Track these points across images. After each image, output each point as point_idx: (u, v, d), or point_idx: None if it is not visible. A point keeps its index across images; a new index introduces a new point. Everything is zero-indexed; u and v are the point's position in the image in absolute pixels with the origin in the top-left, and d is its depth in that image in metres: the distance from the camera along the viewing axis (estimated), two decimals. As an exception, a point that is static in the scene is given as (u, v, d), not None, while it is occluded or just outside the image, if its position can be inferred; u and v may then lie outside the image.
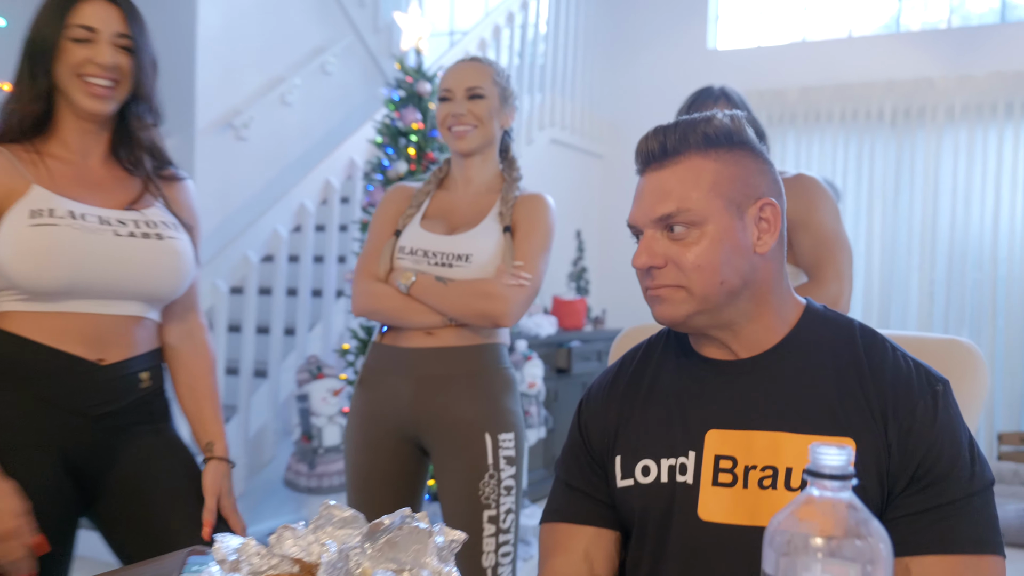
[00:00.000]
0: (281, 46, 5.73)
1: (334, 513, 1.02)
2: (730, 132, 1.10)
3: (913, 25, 5.73)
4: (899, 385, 1.06)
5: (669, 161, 1.09)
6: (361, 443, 2.15)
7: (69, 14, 1.58)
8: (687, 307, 1.09)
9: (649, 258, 1.08)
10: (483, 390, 2.09)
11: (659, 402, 1.20)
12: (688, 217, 1.06)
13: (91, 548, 1.82)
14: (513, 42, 5.47)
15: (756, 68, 5.68)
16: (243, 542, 0.99)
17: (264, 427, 4.13)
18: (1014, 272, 5.12)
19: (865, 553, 0.63)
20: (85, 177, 1.69)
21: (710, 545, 1.09)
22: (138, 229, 1.67)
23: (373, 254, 2.14)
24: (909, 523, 1.01)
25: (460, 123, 2.06)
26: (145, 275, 1.68)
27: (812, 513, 0.65)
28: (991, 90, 5.13)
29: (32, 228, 1.57)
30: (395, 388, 2.10)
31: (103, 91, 1.60)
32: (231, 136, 5.29)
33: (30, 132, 1.66)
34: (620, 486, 1.19)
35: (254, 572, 0.98)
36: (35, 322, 1.62)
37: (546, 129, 5.64)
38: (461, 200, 2.18)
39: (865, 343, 1.12)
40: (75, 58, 1.58)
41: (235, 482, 3.86)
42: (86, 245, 1.62)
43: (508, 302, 2.00)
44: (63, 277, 1.60)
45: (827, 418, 1.06)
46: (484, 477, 2.04)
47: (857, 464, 0.93)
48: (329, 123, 6.03)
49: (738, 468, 1.08)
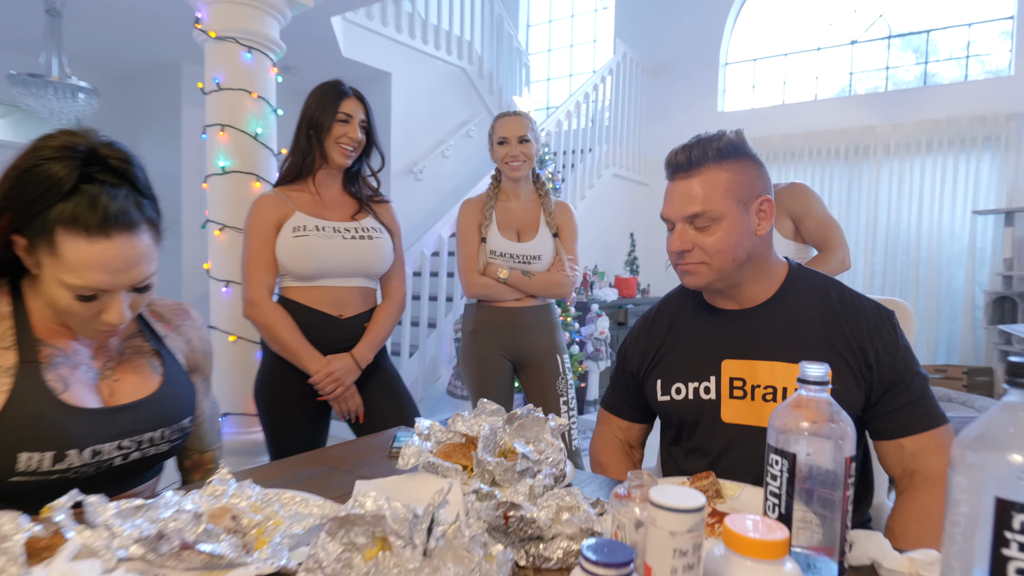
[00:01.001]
0: (441, 120, 6.15)
1: (486, 407, 1.08)
2: (736, 146, 1.08)
3: (860, 89, 5.71)
4: (870, 319, 1.06)
5: (693, 171, 1.07)
6: (482, 367, 2.23)
7: (338, 105, 1.68)
8: (708, 277, 1.09)
9: (681, 244, 1.08)
10: (552, 330, 2.25)
11: (685, 340, 1.19)
12: (710, 216, 1.05)
13: (333, 428, 1.89)
14: (588, 111, 5.64)
15: (750, 122, 5.69)
16: (431, 422, 1.05)
17: (434, 358, 4.46)
18: (931, 257, 5.18)
19: (837, 432, 0.62)
20: (326, 203, 1.75)
21: (730, 439, 1.09)
22: (357, 233, 1.73)
23: (472, 256, 2.17)
24: (894, 415, 1.03)
25: (515, 160, 2.13)
26: (362, 261, 1.73)
27: (801, 405, 0.65)
28: (915, 134, 5.20)
29: (294, 238, 1.67)
30: (502, 332, 2.21)
31: (350, 153, 1.71)
32: (411, 179, 5.84)
33: (295, 178, 1.75)
34: (660, 400, 1.18)
35: (438, 441, 1.04)
36: (302, 293, 1.71)
37: (610, 167, 5.83)
38: (515, 209, 2.21)
39: (836, 291, 1.12)
40: (337, 133, 1.68)
41: (415, 394, 4.17)
42: (326, 246, 1.68)
43: (570, 286, 2.20)
44: (313, 266, 1.68)
45: (811, 350, 1.05)
46: (558, 379, 2.23)
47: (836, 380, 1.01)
48: (471, 167, 6.40)
49: (747, 386, 1.08)
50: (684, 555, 0.57)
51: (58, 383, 0.93)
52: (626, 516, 0.65)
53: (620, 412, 1.32)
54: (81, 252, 0.85)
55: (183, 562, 0.68)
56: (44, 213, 0.85)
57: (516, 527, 0.72)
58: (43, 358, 0.93)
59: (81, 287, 0.87)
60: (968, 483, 0.51)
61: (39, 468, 0.88)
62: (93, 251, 0.86)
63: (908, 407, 1.03)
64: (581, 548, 0.56)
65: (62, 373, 0.94)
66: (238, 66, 2.89)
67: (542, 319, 2.23)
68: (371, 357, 1.73)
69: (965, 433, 0.53)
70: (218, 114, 2.88)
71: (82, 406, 0.94)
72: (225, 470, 0.87)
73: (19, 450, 0.87)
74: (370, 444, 1.26)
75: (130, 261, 0.89)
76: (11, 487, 0.88)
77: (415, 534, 0.62)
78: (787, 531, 0.56)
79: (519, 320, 2.20)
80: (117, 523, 0.67)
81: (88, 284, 0.87)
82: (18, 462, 0.87)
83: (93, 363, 1.00)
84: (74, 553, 0.55)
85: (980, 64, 5.31)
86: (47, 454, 0.88)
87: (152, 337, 1.10)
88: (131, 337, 1.08)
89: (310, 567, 0.62)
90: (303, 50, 4.86)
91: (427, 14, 5.84)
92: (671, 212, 1.11)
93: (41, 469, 0.89)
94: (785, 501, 0.65)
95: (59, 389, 0.93)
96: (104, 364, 1.02)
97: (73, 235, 0.85)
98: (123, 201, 0.88)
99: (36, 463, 0.88)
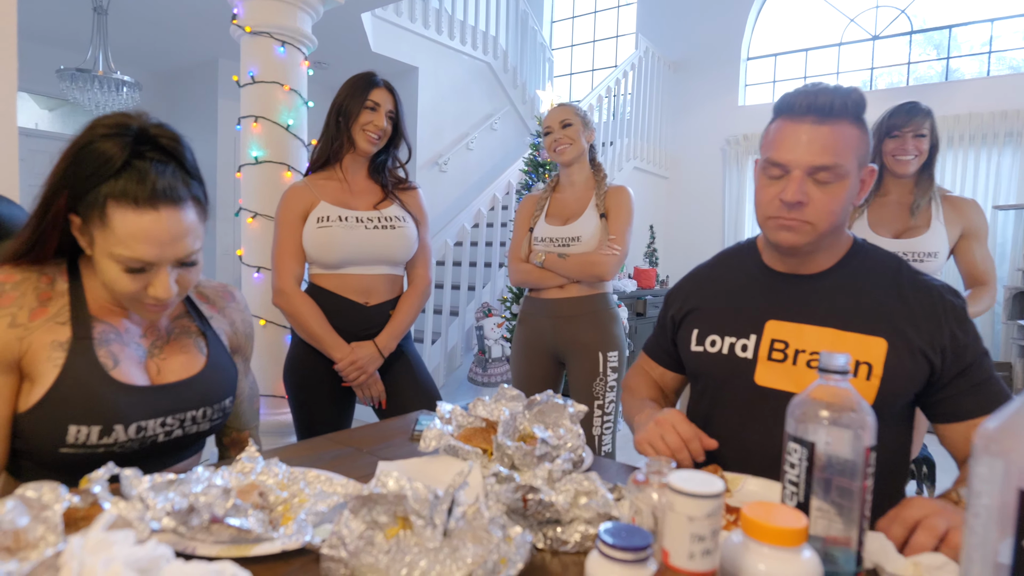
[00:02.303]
0: (466, 113, 6.17)
1: (506, 392, 1.06)
2: (864, 106, 0.98)
3: (881, 85, 5.58)
4: (942, 298, 0.99)
5: (831, 120, 0.95)
6: (523, 358, 2.17)
7: (367, 94, 1.69)
8: (808, 238, 0.99)
9: (800, 195, 0.95)
10: (597, 323, 2.07)
11: (730, 294, 1.13)
12: (838, 172, 0.95)
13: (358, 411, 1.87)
14: (611, 105, 5.62)
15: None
16: (453, 406, 1.05)
17: (456, 345, 4.46)
18: None
19: (857, 421, 0.61)
20: (351, 191, 1.75)
21: (760, 402, 1.03)
22: (379, 223, 1.71)
23: (517, 244, 2.17)
24: (961, 397, 0.96)
25: (559, 144, 2.07)
26: (384, 250, 1.72)
27: (821, 395, 0.63)
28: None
29: (318, 229, 1.68)
30: (542, 324, 2.12)
31: (375, 140, 1.71)
32: (436, 170, 5.85)
33: (324, 164, 1.76)
34: (693, 350, 1.13)
35: (459, 425, 1.03)
36: (328, 280, 1.72)
37: (631, 160, 5.81)
38: (569, 198, 2.14)
39: (905, 269, 1.04)
40: (364, 120, 1.69)
41: (437, 379, 4.20)
42: (348, 236, 1.68)
43: (606, 265, 2.02)
44: (337, 256, 1.69)
45: (869, 321, 0.98)
46: (596, 380, 2.05)
47: (892, 356, 0.95)
48: (495, 160, 6.41)
49: (789, 350, 1.01)
50: (702, 540, 0.56)
51: (109, 359, 0.94)
52: (644, 501, 0.64)
53: (656, 356, 1.27)
54: (129, 224, 0.87)
55: (212, 535, 0.68)
56: (96, 188, 0.87)
57: (535, 510, 0.72)
58: (96, 335, 0.95)
59: (129, 259, 0.88)
60: (990, 474, 0.50)
61: (87, 441, 0.90)
62: (141, 223, 0.87)
63: (982, 385, 0.96)
64: (599, 532, 0.55)
65: (113, 350, 0.95)
66: (272, 60, 2.92)
67: (587, 311, 2.07)
68: (394, 346, 1.73)
69: (987, 424, 0.51)
70: (252, 106, 2.92)
71: (131, 383, 0.95)
72: (254, 448, 0.87)
73: (69, 422, 0.88)
74: (393, 427, 1.27)
75: (176, 234, 0.90)
76: (60, 458, 0.90)
77: (435, 514, 0.62)
78: (806, 519, 0.55)
79: (559, 312, 2.09)
80: (151, 496, 0.67)
81: (136, 255, 0.88)
82: (67, 434, 0.89)
83: (142, 341, 1.02)
84: (109, 523, 0.56)
85: (1002, 60, 5.18)
86: (95, 428, 0.90)
87: (198, 318, 1.12)
88: (179, 318, 1.09)
89: (333, 544, 0.62)
90: (334, 45, 4.89)
91: (454, 10, 5.86)
92: (796, 156, 0.96)
93: (89, 443, 0.90)
94: (804, 490, 0.63)
95: (109, 365, 0.94)
96: (152, 343, 1.03)
97: (123, 208, 0.86)
98: (171, 177, 0.90)
99: (84, 436, 0.89)
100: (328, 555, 0.62)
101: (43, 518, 0.57)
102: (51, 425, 0.88)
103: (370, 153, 1.74)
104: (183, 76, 5.69)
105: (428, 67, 5.65)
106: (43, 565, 0.53)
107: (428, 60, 5.63)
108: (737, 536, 0.57)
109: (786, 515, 0.55)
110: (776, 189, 0.99)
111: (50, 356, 0.90)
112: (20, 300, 0.91)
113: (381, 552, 0.62)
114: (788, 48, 6.05)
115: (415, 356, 1.82)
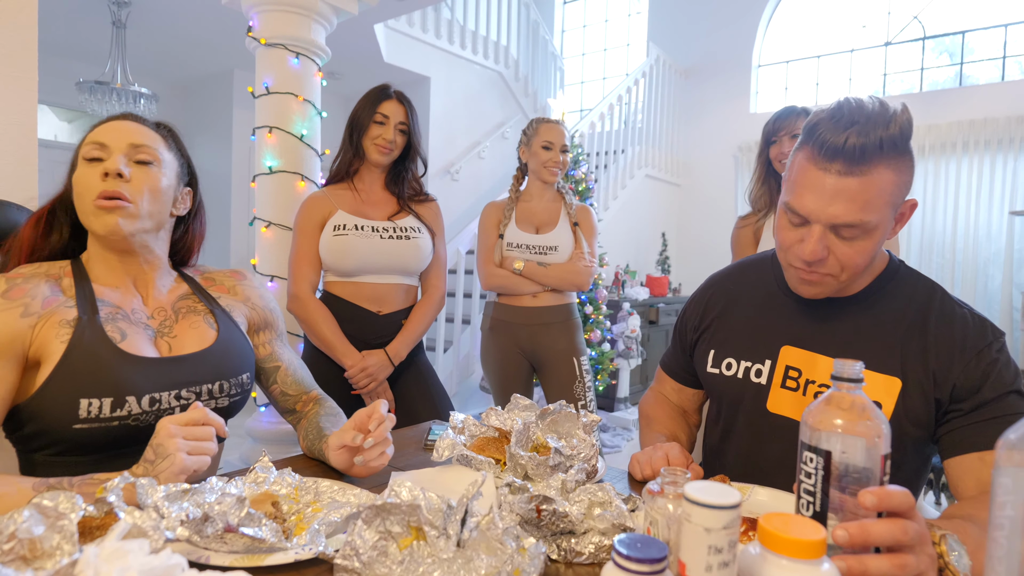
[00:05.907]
0: (478, 122, 6.17)
1: (519, 402, 1.07)
2: (906, 138, 0.84)
3: (894, 91, 5.60)
4: (965, 337, 0.90)
5: (862, 167, 0.82)
6: (498, 364, 2.21)
7: (377, 107, 1.72)
8: (830, 290, 0.94)
9: (820, 253, 0.88)
10: (569, 331, 2.19)
11: (749, 316, 1.08)
12: (864, 228, 0.85)
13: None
14: (621, 113, 5.64)
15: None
16: (465, 416, 1.05)
17: (468, 354, 4.47)
18: (967, 258, 5.08)
19: (873, 429, 0.60)
20: (367, 201, 1.77)
21: (771, 430, 1.00)
22: (395, 233, 1.73)
23: (488, 249, 2.18)
24: (979, 428, 0.87)
25: (556, 166, 2.16)
26: (398, 260, 1.73)
27: (835, 402, 0.62)
28: (951, 134, 5.10)
29: (334, 237, 1.71)
30: (517, 331, 2.18)
31: (386, 151, 1.73)
32: (448, 179, 5.88)
33: (342, 176, 1.79)
34: (709, 372, 1.10)
35: (472, 435, 1.03)
36: (342, 288, 1.74)
37: (643, 168, 5.78)
38: (537, 207, 2.19)
39: (938, 299, 0.95)
40: (373, 133, 1.72)
41: (449, 388, 4.18)
42: (363, 245, 1.70)
43: (587, 275, 2.15)
44: (351, 264, 1.71)
45: (881, 359, 0.92)
46: (575, 383, 2.17)
47: (904, 396, 0.90)
48: (506, 168, 6.42)
49: (801, 379, 0.97)
50: (719, 552, 0.55)
51: (116, 333, 0.96)
52: (659, 512, 0.63)
53: (674, 374, 1.24)
54: (94, 130, 1.01)
55: (226, 544, 0.68)
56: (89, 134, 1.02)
57: (548, 520, 0.71)
58: (103, 313, 0.97)
59: (89, 145, 0.99)
60: (1014, 485, 0.48)
61: (100, 414, 0.90)
62: (103, 126, 1.00)
63: (993, 421, 0.87)
64: (614, 543, 0.54)
65: (120, 326, 0.97)
66: (286, 71, 2.94)
67: (560, 319, 2.17)
68: (405, 354, 1.74)
69: (1009, 434, 0.50)
70: (266, 116, 2.94)
71: (140, 355, 0.96)
72: (267, 458, 0.87)
73: (80, 395, 0.89)
74: (405, 436, 1.26)
75: (131, 132, 1.00)
76: (76, 435, 0.90)
77: (449, 525, 0.62)
78: (824, 531, 0.54)
79: (535, 319, 2.16)
80: (165, 505, 0.68)
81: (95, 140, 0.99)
82: (79, 408, 0.89)
83: (151, 322, 1.03)
84: (124, 532, 0.56)
85: (1017, 65, 5.17)
86: (106, 400, 0.91)
87: (205, 299, 1.13)
88: (183, 297, 1.10)
89: (347, 554, 0.62)
90: (347, 56, 4.93)
91: (465, 20, 5.90)
92: (818, 209, 0.86)
93: (102, 415, 0.91)
94: (820, 499, 0.62)
95: (117, 339, 0.95)
96: (162, 323, 1.04)
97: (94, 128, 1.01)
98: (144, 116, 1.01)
99: (96, 409, 0.90)
100: (341, 565, 0.62)
101: (59, 527, 0.57)
102: (63, 400, 0.89)
103: (383, 164, 1.77)
104: (199, 87, 5.74)
105: (440, 77, 5.67)
106: (58, 574, 0.53)
107: (440, 70, 5.66)
108: (755, 548, 0.56)
109: (805, 527, 0.54)
110: (796, 236, 0.91)
111: (58, 334, 0.92)
112: (33, 291, 0.94)
113: (394, 562, 0.62)
114: (800, 55, 6.03)
115: (426, 366, 1.83)
